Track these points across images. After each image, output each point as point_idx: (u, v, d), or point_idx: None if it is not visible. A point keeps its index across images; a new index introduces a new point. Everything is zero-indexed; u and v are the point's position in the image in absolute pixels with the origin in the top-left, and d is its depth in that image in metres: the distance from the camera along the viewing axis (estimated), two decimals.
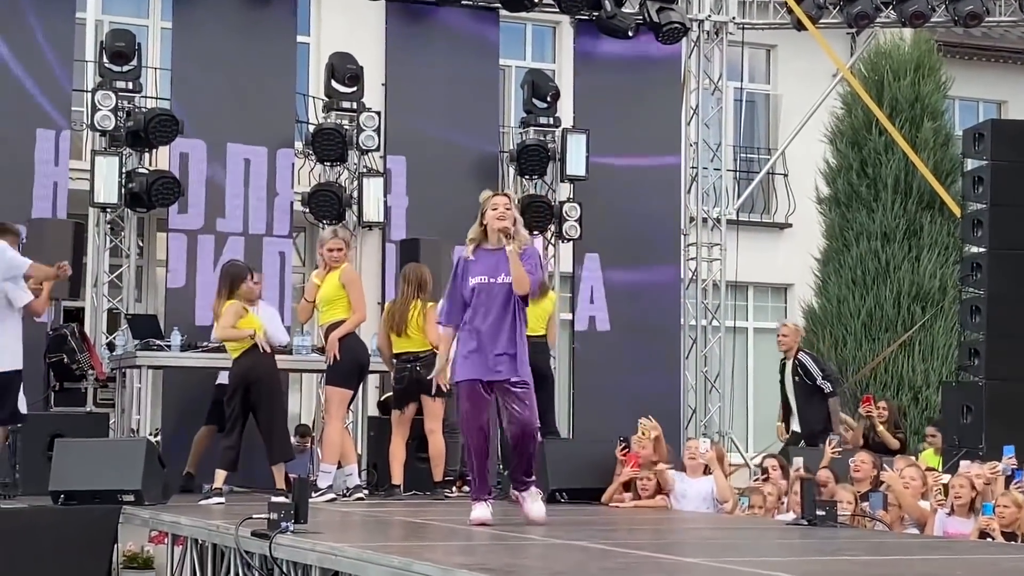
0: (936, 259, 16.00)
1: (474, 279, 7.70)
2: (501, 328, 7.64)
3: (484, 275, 7.69)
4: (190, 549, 8.53)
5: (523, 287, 7.62)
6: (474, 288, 7.69)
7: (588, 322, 13.79)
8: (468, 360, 7.70)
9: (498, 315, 7.65)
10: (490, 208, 7.69)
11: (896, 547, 7.12)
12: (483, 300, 7.66)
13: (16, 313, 9.59)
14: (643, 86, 14.07)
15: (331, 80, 12.94)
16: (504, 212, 7.62)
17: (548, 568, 5.58)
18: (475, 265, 7.73)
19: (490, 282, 7.67)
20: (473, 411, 7.71)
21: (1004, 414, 11.78)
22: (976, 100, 20.82)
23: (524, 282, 7.61)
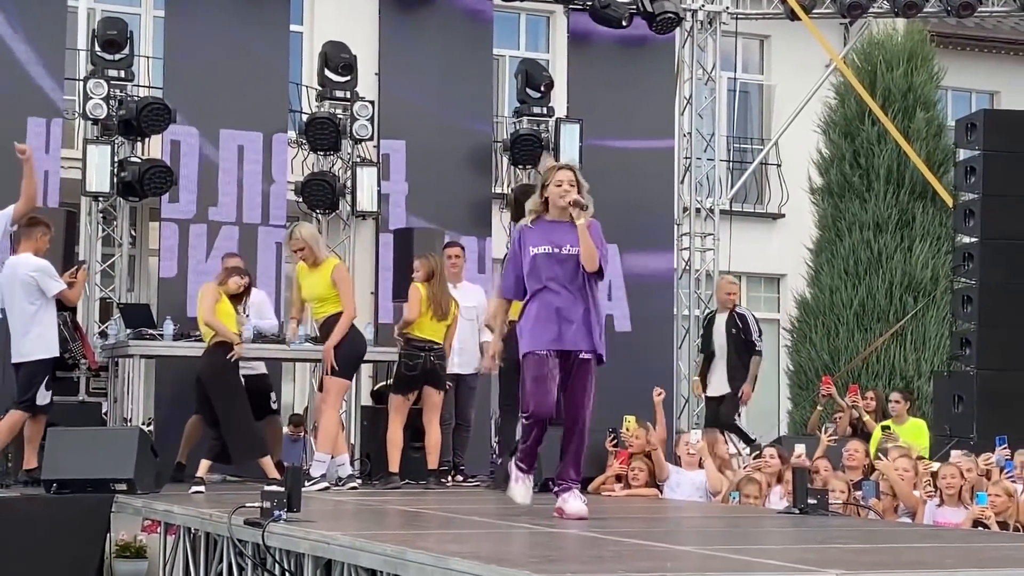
0: (928, 249, 16.03)
1: (536, 248, 7.32)
2: (575, 299, 7.28)
3: (549, 245, 7.32)
4: (183, 538, 8.53)
5: (593, 263, 7.27)
6: (536, 257, 7.31)
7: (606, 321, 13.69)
8: (537, 330, 7.28)
9: (570, 285, 7.28)
10: (553, 183, 7.36)
11: (887, 535, 7.14)
12: (551, 270, 7.29)
13: (50, 302, 9.66)
14: (637, 75, 14.06)
15: (324, 69, 12.94)
16: (568, 188, 7.30)
17: (540, 555, 5.60)
18: (536, 235, 7.36)
19: (556, 252, 7.31)
20: (540, 387, 7.23)
21: (995, 404, 11.84)
22: (969, 90, 20.84)
23: (594, 258, 7.27)
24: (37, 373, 9.53)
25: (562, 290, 7.26)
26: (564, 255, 7.30)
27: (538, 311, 7.28)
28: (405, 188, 13.11)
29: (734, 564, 5.37)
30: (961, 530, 8.08)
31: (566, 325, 7.23)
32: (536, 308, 7.30)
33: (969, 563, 5.67)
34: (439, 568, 5.24)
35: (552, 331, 7.22)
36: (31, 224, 9.76)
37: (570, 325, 7.23)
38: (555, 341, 7.22)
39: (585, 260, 7.27)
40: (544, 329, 7.24)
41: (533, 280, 7.33)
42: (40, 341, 9.56)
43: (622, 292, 13.63)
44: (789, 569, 5.14)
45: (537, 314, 7.28)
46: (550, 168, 7.52)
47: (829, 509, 8.00)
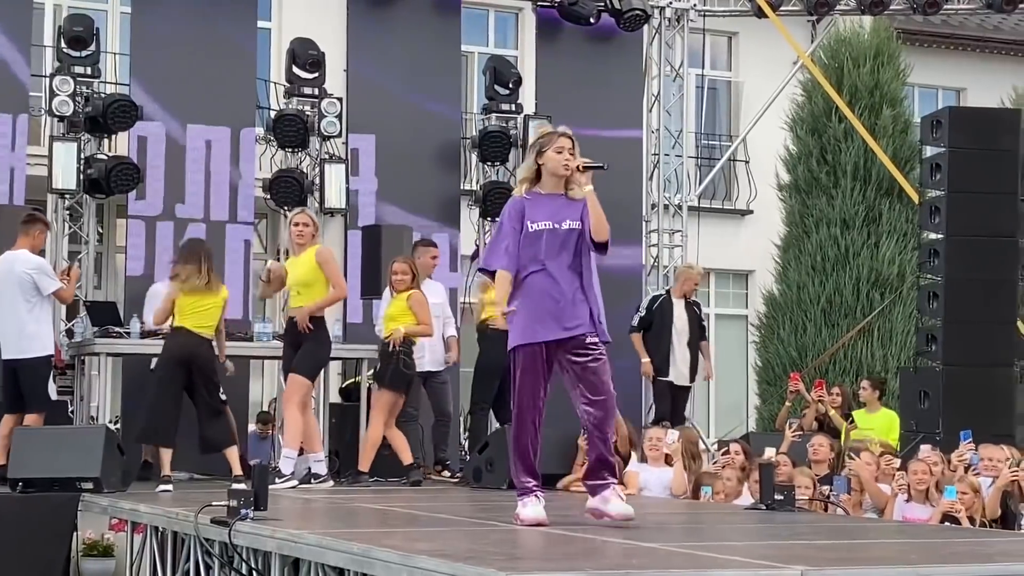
0: (895, 245, 16.11)
1: (535, 224, 6.65)
2: (574, 280, 6.66)
3: (548, 220, 6.65)
4: (150, 537, 8.51)
5: (603, 233, 6.67)
6: (535, 234, 6.64)
7: None
8: (532, 319, 6.62)
9: (569, 265, 6.66)
10: (553, 149, 6.68)
11: (854, 531, 7.19)
12: (550, 249, 6.64)
13: (45, 300, 9.64)
14: (605, 72, 14.08)
15: (292, 66, 12.91)
16: (569, 156, 6.68)
17: (508, 553, 5.61)
18: (534, 209, 6.69)
19: (555, 228, 6.65)
20: (532, 382, 6.65)
21: (961, 399, 11.89)
22: (935, 87, 20.95)
23: (605, 227, 6.67)
24: (40, 369, 9.57)
25: (560, 271, 6.65)
26: (564, 231, 6.68)
27: (532, 297, 6.64)
28: (374, 185, 13.09)
29: (699, 561, 5.39)
30: (927, 526, 8.14)
31: (565, 310, 6.63)
32: (530, 294, 6.65)
33: (934, 559, 5.72)
34: (406, 566, 5.24)
35: (549, 321, 6.61)
36: (29, 221, 9.76)
37: (570, 309, 6.63)
38: (553, 330, 6.62)
39: (594, 229, 6.67)
40: (539, 318, 6.62)
41: (528, 259, 6.67)
42: (37, 339, 9.59)
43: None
44: (754, 566, 5.17)
45: (531, 301, 6.64)
46: (547, 133, 6.78)
47: (795, 505, 8.04)
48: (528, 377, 6.65)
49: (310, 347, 9.84)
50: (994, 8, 15.18)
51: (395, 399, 10.26)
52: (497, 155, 13.56)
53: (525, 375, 6.65)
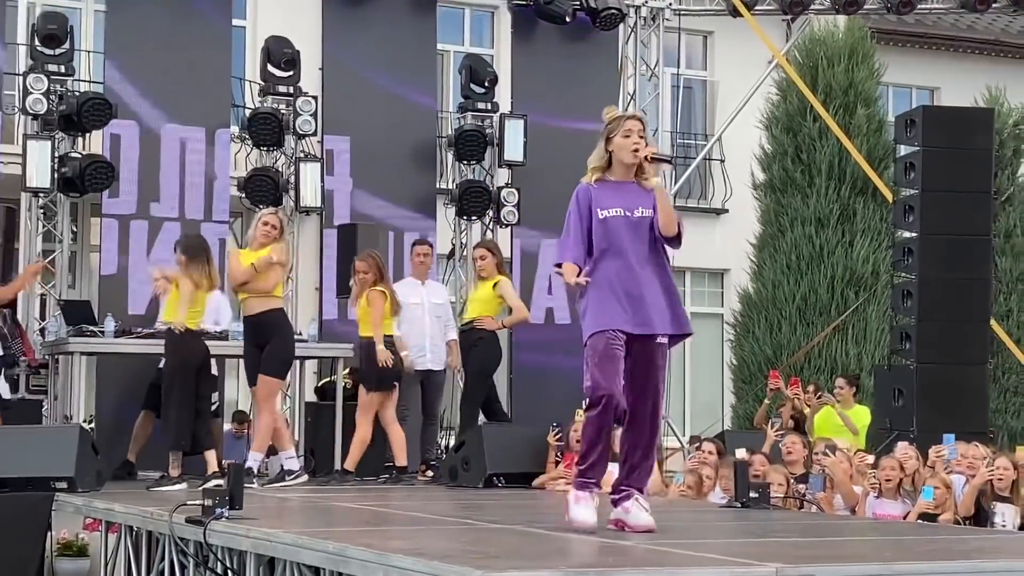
0: (869, 244, 16.17)
1: (605, 211, 6.33)
2: (650, 272, 6.32)
3: (619, 208, 6.34)
4: (124, 536, 8.48)
5: (672, 226, 6.34)
6: (607, 221, 6.33)
7: (546, 314, 13.72)
8: (606, 306, 6.27)
9: (645, 256, 6.32)
10: (621, 133, 6.36)
11: (827, 529, 7.22)
12: (621, 238, 6.31)
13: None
14: (581, 71, 14.08)
15: (267, 64, 12.88)
16: (638, 140, 6.34)
17: (484, 552, 5.61)
18: (603, 196, 6.38)
19: (627, 216, 6.33)
20: (609, 372, 6.22)
21: (935, 397, 11.95)
22: (909, 87, 21.03)
23: (674, 221, 6.35)
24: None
25: (635, 260, 6.30)
26: (636, 219, 6.33)
27: (606, 285, 6.30)
28: (349, 183, 13.07)
29: (675, 558, 5.41)
30: (900, 523, 8.19)
31: (639, 303, 6.27)
32: (604, 282, 6.30)
33: (907, 556, 5.75)
34: (381, 565, 5.24)
35: (624, 309, 6.26)
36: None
37: (643, 303, 6.28)
38: (627, 322, 6.25)
39: (664, 224, 6.32)
40: (614, 307, 6.26)
41: (600, 248, 6.33)
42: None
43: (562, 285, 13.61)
44: (729, 563, 5.19)
45: (605, 289, 6.29)
46: (616, 117, 6.45)
47: (770, 503, 8.07)
48: (605, 364, 6.21)
49: (275, 346, 9.83)
50: (967, 8, 15.26)
51: (382, 399, 10.26)
52: (473, 154, 13.56)
53: (602, 362, 6.22)
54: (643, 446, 6.44)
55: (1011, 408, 16.37)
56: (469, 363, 11.00)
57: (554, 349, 13.50)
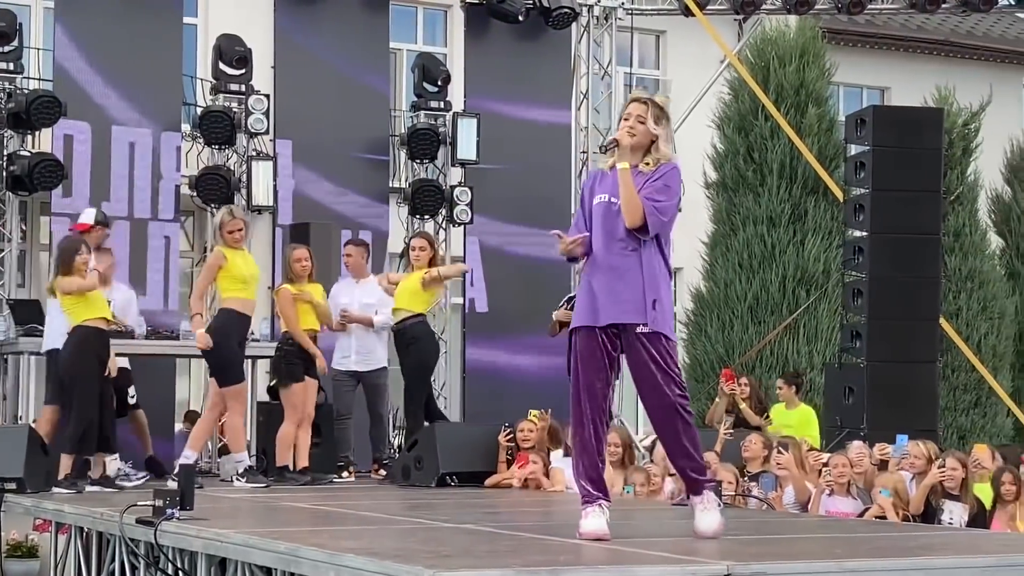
0: (820, 243, 16.27)
1: (598, 197, 6.07)
2: (629, 262, 5.97)
3: (607, 193, 6.05)
4: (74, 537, 8.42)
5: (632, 215, 5.92)
6: (594, 209, 6.07)
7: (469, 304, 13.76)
8: (584, 302, 6.03)
9: (625, 245, 5.99)
10: (622, 116, 6.15)
11: (778, 526, 7.26)
12: (604, 225, 6.03)
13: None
14: (534, 70, 14.10)
15: (219, 62, 12.81)
16: (636, 123, 6.06)
17: (434, 552, 5.61)
18: (605, 180, 6.12)
19: (612, 202, 6.02)
20: (585, 372, 5.96)
21: (885, 395, 12.06)
22: (860, 86, 21.20)
23: (635, 208, 5.91)
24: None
25: (616, 250, 6.00)
26: (617, 206, 6.01)
27: (587, 279, 6.08)
28: (303, 181, 13.03)
29: (626, 557, 5.42)
30: (851, 520, 8.25)
31: (611, 294, 5.96)
32: (586, 276, 6.10)
33: (858, 553, 5.79)
34: (333, 565, 5.23)
35: (595, 303, 5.98)
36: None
37: (617, 294, 5.96)
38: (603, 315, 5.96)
39: (624, 210, 5.95)
40: (590, 301, 6.02)
41: (591, 236, 6.07)
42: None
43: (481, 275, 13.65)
44: (680, 561, 5.21)
45: (587, 281, 6.06)
46: (628, 99, 6.23)
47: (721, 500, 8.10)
48: (582, 365, 5.97)
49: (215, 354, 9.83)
50: (917, 8, 15.39)
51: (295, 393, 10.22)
52: (426, 152, 13.54)
53: (579, 363, 5.98)
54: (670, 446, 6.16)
55: (960, 406, 16.51)
56: (407, 362, 10.88)
57: (508, 347, 13.51)
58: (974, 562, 5.49)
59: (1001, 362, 16.96)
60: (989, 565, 5.47)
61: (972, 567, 5.44)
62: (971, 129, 17.49)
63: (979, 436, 15.67)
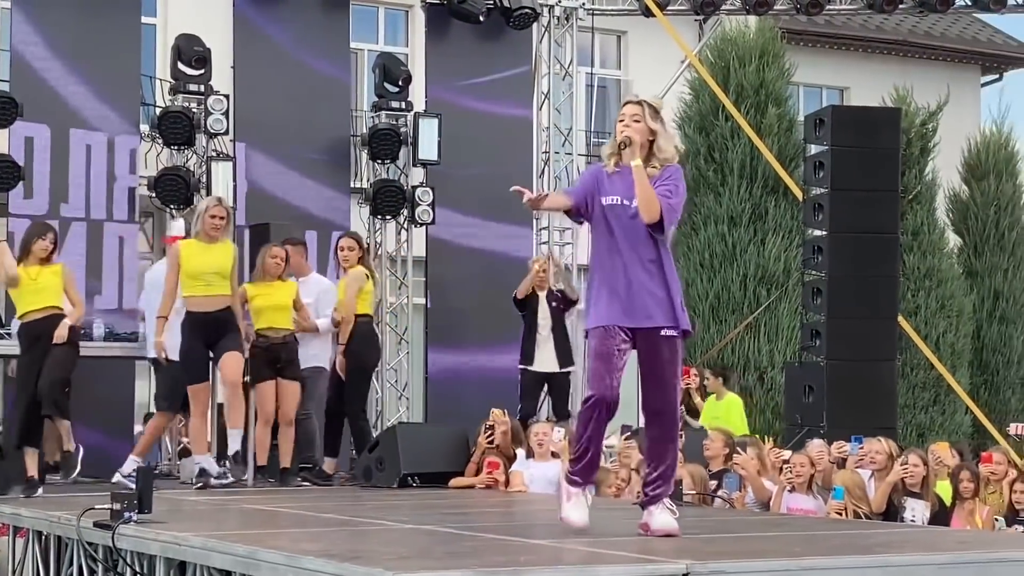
0: (781, 242, 16.34)
1: (607, 198, 6.18)
2: (648, 263, 6.12)
3: (619, 195, 6.16)
4: (32, 541, 8.34)
5: (650, 211, 6.06)
6: (605, 209, 6.18)
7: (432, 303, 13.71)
8: (603, 301, 6.14)
9: (643, 247, 6.12)
10: (618, 120, 6.27)
11: (739, 525, 7.28)
12: (619, 228, 6.13)
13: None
14: (495, 70, 14.09)
15: (177, 62, 12.74)
16: (631, 122, 6.19)
17: (394, 553, 5.60)
18: (612, 182, 6.21)
19: (624, 204, 6.15)
20: (605, 368, 6.08)
21: (844, 393, 12.12)
22: (819, 86, 21.32)
23: (652, 204, 6.06)
24: None
25: (632, 254, 6.12)
26: (633, 209, 6.14)
27: (605, 279, 6.16)
28: (263, 182, 12.98)
29: (586, 556, 5.42)
30: (811, 518, 8.28)
31: (638, 296, 6.10)
32: (602, 275, 6.18)
33: (816, 551, 5.82)
34: (292, 567, 5.21)
35: (620, 303, 6.11)
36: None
37: (643, 296, 6.11)
38: (625, 316, 6.10)
39: (641, 207, 6.09)
40: (611, 300, 6.12)
41: (600, 237, 6.21)
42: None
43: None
44: (641, 560, 5.22)
45: (603, 282, 6.17)
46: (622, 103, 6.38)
47: (682, 500, 8.12)
48: (599, 361, 6.09)
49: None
50: (875, 8, 15.48)
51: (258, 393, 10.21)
52: (387, 153, 13.51)
53: (596, 359, 6.11)
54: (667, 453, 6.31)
55: (919, 404, 16.63)
56: (347, 362, 10.80)
57: (469, 346, 13.49)
58: (932, 559, 5.52)
59: (959, 360, 17.09)
60: (947, 562, 5.50)
61: (930, 564, 5.47)
62: (929, 128, 17.62)
63: (938, 433, 15.79)
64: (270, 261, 10.28)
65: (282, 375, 10.22)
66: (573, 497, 6.26)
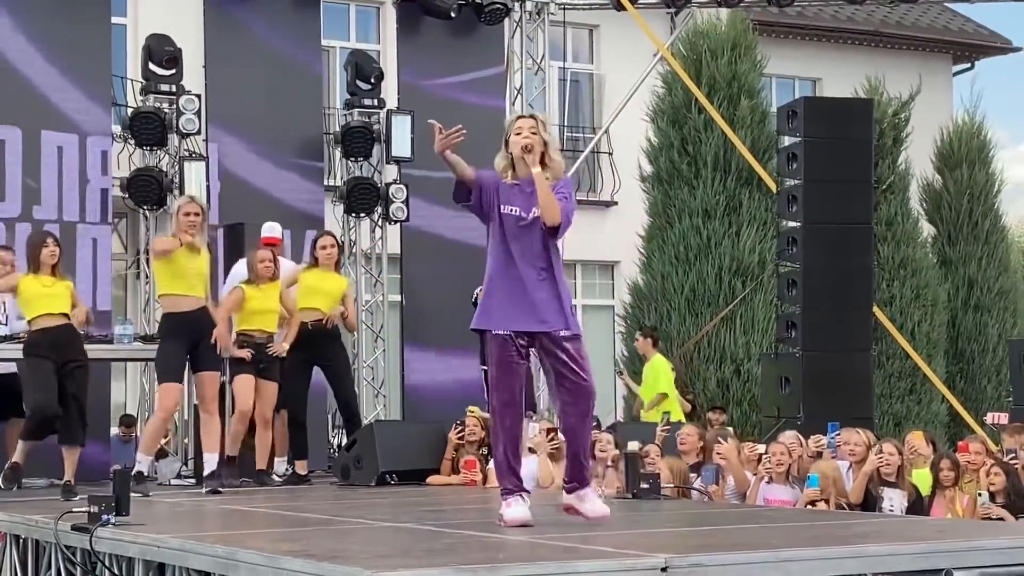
0: (755, 234, 16.35)
1: (506, 207, 6.48)
2: (542, 270, 6.46)
3: (517, 207, 6.48)
4: (10, 545, 8.30)
5: (552, 215, 6.39)
6: (505, 218, 6.46)
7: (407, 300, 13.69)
8: (500, 307, 6.42)
9: (537, 255, 6.45)
10: (513, 132, 6.55)
11: (717, 517, 7.30)
12: (517, 238, 6.44)
13: None
14: (467, 65, 14.07)
15: (148, 62, 12.69)
16: (529, 135, 6.49)
17: (372, 551, 5.59)
18: (508, 193, 6.51)
19: (522, 216, 6.47)
20: (507, 375, 6.42)
21: (820, 384, 12.14)
22: (792, 78, 21.37)
23: (554, 209, 6.40)
24: None
25: (527, 263, 6.45)
26: (530, 220, 6.47)
27: (501, 285, 6.46)
28: (235, 181, 12.94)
29: (565, 552, 5.43)
30: (789, 510, 8.31)
31: (534, 303, 6.42)
32: (498, 281, 6.47)
33: (794, 542, 5.83)
34: (271, 568, 5.21)
35: (517, 308, 6.41)
36: None
37: (538, 302, 6.43)
38: (522, 321, 6.41)
39: (544, 212, 6.42)
40: (509, 307, 6.42)
41: (497, 244, 6.50)
42: None
43: None
44: (619, 555, 5.23)
45: (499, 288, 6.46)
46: (511, 120, 6.71)
47: (661, 493, 8.15)
48: (503, 371, 6.42)
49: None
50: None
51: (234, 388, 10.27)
52: (360, 150, 13.50)
53: (499, 369, 6.43)
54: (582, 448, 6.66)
55: (895, 393, 16.68)
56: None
57: (444, 343, 13.47)
58: (909, 548, 5.55)
59: (935, 349, 17.15)
60: (923, 552, 5.53)
61: (906, 554, 5.50)
62: (901, 119, 17.66)
63: (914, 423, 15.84)
64: (260, 266, 10.29)
65: (261, 375, 10.23)
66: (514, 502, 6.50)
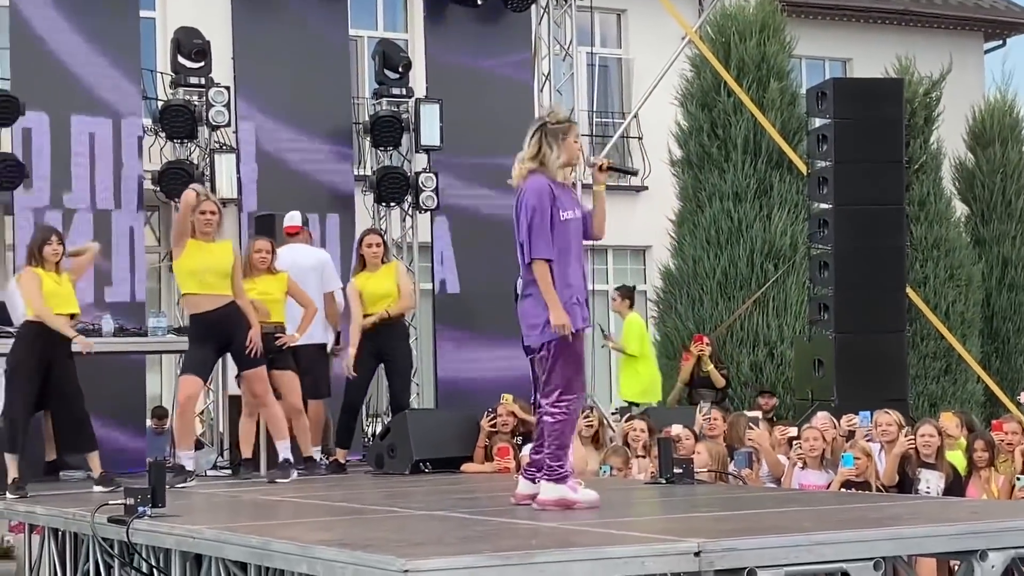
0: (786, 217, 16.29)
1: (565, 213, 6.73)
2: (583, 270, 6.91)
3: (571, 209, 6.74)
4: (48, 538, 8.39)
5: (604, 231, 6.94)
6: (567, 223, 6.72)
7: (440, 286, 13.70)
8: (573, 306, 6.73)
9: (580, 256, 6.85)
10: (572, 137, 6.73)
11: (751, 502, 7.30)
12: (570, 239, 6.73)
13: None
14: (495, 53, 14.05)
15: (177, 55, 12.74)
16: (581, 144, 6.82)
17: (406, 540, 5.61)
18: (560, 196, 6.74)
19: (577, 218, 6.79)
20: (581, 369, 6.83)
21: (854, 366, 12.10)
22: (822, 59, 21.25)
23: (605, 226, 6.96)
24: None
25: (578, 260, 6.81)
26: (576, 220, 6.80)
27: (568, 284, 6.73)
28: (265, 172, 12.98)
29: (599, 538, 5.44)
30: (823, 493, 8.29)
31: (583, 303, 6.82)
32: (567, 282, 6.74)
33: (827, 525, 5.83)
34: (305, 557, 5.24)
35: (582, 308, 6.78)
36: None
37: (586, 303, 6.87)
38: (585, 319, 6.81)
39: (599, 228, 6.89)
40: (578, 306, 6.74)
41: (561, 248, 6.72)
42: None
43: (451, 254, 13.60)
44: (652, 540, 5.23)
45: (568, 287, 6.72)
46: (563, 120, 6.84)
47: (695, 478, 8.15)
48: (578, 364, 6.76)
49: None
50: None
51: None
52: (389, 140, 13.51)
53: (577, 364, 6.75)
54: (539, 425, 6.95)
55: (930, 374, 16.60)
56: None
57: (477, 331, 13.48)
58: (943, 530, 5.54)
59: (969, 329, 17.06)
60: (958, 533, 5.51)
61: (941, 535, 5.49)
62: (932, 98, 17.55)
63: (950, 403, 15.77)
64: (255, 256, 10.31)
65: (274, 366, 9.97)
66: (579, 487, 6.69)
